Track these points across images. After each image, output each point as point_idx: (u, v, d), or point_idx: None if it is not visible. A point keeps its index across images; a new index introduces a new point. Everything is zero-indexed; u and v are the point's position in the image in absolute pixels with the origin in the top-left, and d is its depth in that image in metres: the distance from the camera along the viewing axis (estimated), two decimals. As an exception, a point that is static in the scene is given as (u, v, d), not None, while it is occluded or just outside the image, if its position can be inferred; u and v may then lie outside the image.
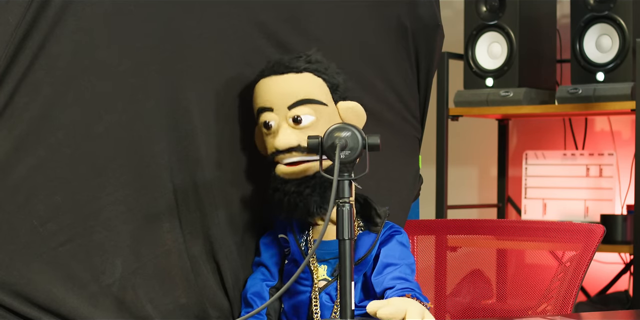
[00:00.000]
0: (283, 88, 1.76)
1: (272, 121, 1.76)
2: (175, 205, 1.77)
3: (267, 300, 1.83)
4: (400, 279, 1.76)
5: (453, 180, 3.83)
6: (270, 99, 1.76)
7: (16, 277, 1.58)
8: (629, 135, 3.72)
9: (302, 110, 1.75)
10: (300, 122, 1.74)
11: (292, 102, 1.75)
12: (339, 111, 1.79)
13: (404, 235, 1.84)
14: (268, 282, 1.86)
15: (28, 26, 1.57)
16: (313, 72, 1.77)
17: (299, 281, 1.81)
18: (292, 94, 1.75)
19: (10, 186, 1.58)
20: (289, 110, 1.75)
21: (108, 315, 1.66)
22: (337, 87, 1.80)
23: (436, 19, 2.19)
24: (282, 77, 1.76)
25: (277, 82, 1.76)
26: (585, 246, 1.94)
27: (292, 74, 1.76)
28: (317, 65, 1.78)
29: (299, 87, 1.76)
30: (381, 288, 1.76)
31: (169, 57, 1.75)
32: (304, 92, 1.75)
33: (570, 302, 1.90)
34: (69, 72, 1.63)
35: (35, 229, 1.60)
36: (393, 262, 1.79)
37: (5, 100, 1.57)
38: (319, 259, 1.81)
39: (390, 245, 1.82)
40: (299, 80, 1.76)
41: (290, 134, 1.74)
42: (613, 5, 3.30)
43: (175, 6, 1.76)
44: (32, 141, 1.60)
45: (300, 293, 1.81)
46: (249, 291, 1.85)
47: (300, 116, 1.74)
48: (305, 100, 1.75)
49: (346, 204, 1.55)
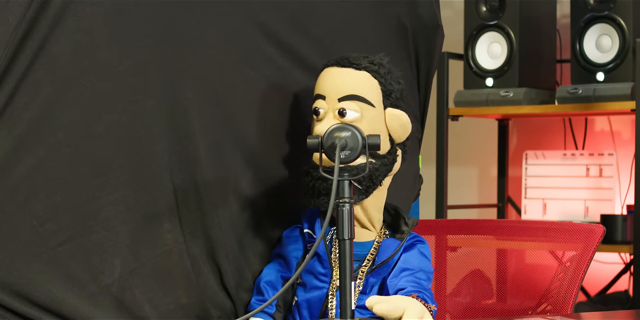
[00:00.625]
0: (338, 80, 1.80)
1: (321, 109, 1.81)
2: (176, 205, 1.77)
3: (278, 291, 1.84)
4: (414, 282, 1.78)
5: (453, 180, 3.83)
6: (325, 88, 1.81)
7: (16, 277, 1.58)
8: (629, 135, 3.72)
9: (349, 105, 1.78)
10: (345, 115, 1.78)
11: (343, 95, 1.79)
12: (386, 116, 1.82)
13: (426, 246, 1.88)
14: (283, 274, 1.87)
15: (28, 26, 1.57)
16: (371, 72, 1.81)
17: (317, 276, 1.82)
18: (344, 87, 1.79)
19: (10, 186, 1.58)
20: (338, 102, 1.79)
21: (108, 315, 1.66)
22: (391, 93, 1.83)
23: (436, 19, 2.19)
24: (341, 70, 1.81)
25: (336, 74, 1.81)
26: (586, 246, 1.94)
27: (351, 69, 1.81)
28: (377, 68, 1.82)
29: (352, 82, 1.80)
30: (394, 289, 1.78)
31: (169, 57, 1.75)
32: (356, 89, 1.80)
33: (570, 302, 1.90)
34: (69, 72, 1.63)
35: (34, 229, 1.60)
36: (410, 267, 1.81)
37: (5, 100, 1.57)
38: None
39: (412, 253, 1.84)
40: (355, 76, 1.80)
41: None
42: (613, 5, 3.30)
43: (175, 6, 1.76)
44: (32, 141, 1.60)
45: (317, 288, 1.82)
46: (262, 279, 1.86)
47: (346, 110, 1.78)
48: (354, 96, 1.79)
49: (346, 204, 1.55)
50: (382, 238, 1.85)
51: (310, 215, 1.89)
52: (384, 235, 1.86)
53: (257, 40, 1.89)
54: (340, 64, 1.82)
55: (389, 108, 1.82)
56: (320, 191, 1.78)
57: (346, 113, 1.78)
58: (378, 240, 1.84)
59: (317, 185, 1.78)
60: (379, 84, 1.81)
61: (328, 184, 1.76)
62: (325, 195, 1.77)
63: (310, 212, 1.89)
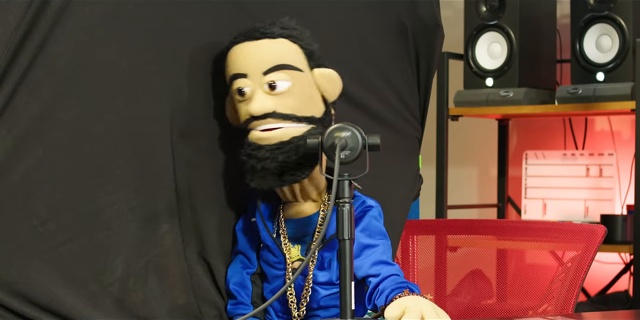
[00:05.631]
0: (258, 54, 1.72)
1: (246, 87, 1.71)
2: (176, 206, 1.77)
3: (249, 289, 1.82)
4: (381, 264, 1.72)
5: (453, 180, 3.83)
6: (244, 65, 1.72)
7: (16, 276, 1.58)
8: (629, 135, 3.72)
9: (277, 76, 1.71)
10: (276, 87, 1.71)
11: (268, 68, 1.71)
12: (315, 78, 1.76)
13: (376, 208, 1.80)
14: (248, 270, 1.83)
15: (28, 26, 1.57)
16: (288, 38, 1.74)
17: (273, 265, 1.79)
18: (267, 60, 1.71)
19: (10, 186, 1.58)
20: (264, 76, 1.71)
21: (107, 315, 1.66)
22: (313, 53, 1.77)
23: (436, 19, 2.19)
24: (256, 43, 1.72)
25: (252, 48, 1.72)
26: (587, 247, 1.94)
27: (267, 40, 1.73)
28: (292, 31, 1.75)
29: (274, 52, 1.72)
30: (362, 273, 1.72)
31: (168, 57, 1.75)
32: (280, 58, 1.72)
33: (571, 302, 1.90)
34: (69, 71, 1.63)
35: (35, 229, 1.60)
36: (371, 243, 1.74)
37: (5, 100, 1.57)
38: (291, 239, 1.78)
39: (364, 223, 1.77)
40: (275, 45, 1.73)
41: (266, 100, 1.71)
42: (613, 5, 3.30)
43: (174, 6, 1.76)
44: (32, 141, 1.60)
45: (277, 277, 1.79)
46: (230, 282, 1.83)
47: (276, 82, 1.70)
48: (281, 66, 1.71)
49: (346, 204, 1.55)
50: (326, 207, 1.78)
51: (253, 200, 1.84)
52: (328, 204, 1.78)
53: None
54: (252, 37, 1.72)
55: (316, 69, 1.76)
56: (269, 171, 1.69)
57: (276, 85, 1.70)
58: (324, 210, 1.78)
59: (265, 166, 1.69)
60: (299, 47, 1.75)
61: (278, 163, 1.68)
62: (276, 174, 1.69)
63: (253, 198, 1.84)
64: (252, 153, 1.71)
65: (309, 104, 1.74)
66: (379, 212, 1.80)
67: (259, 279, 1.84)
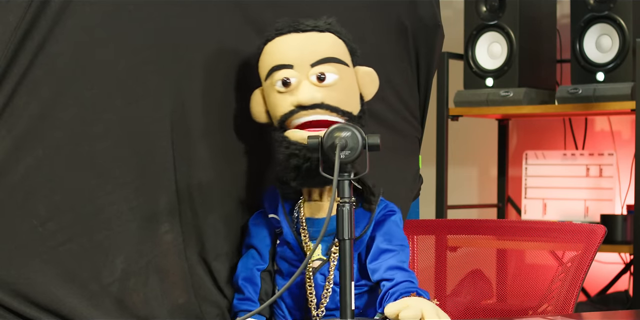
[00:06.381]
0: (306, 45, 1.73)
1: (293, 78, 1.71)
2: (176, 205, 1.77)
3: (258, 286, 1.81)
4: (397, 269, 1.73)
5: (453, 180, 3.83)
6: (290, 56, 1.72)
7: (15, 276, 1.58)
8: (629, 135, 3.72)
9: (326, 68, 1.72)
10: (324, 79, 1.71)
11: (316, 60, 1.71)
12: (357, 75, 1.77)
13: (398, 214, 1.81)
14: (259, 266, 1.82)
15: (28, 26, 1.57)
16: (335, 33, 1.76)
17: (292, 263, 1.78)
18: (316, 52, 1.72)
19: (10, 186, 1.58)
20: (312, 68, 1.71)
21: (108, 314, 1.66)
22: (355, 51, 1.78)
23: (436, 19, 2.19)
24: (304, 35, 1.73)
25: (300, 40, 1.73)
26: (587, 246, 1.94)
27: (315, 33, 1.74)
28: (337, 28, 1.77)
29: (323, 45, 1.73)
30: (377, 277, 1.73)
31: (168, 57, 1.75)
32: (329, 51, 1.73)
33: (571, 302, 1.90)
34: (69, 71, 1.63)
35: (34, 229, 1.60)
36: (389, 248, 1.75)
37: (4, 100, 1.56)
38: (311, 238, 1.77)
39: (386, 228, 1.78)
40: (323, 38, 1.74)
41: (315, 91, 1.70)
42: (613, 5, 3.30)
43: (174, 5, 1.76)
44: (32, 141, 1.60)
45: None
46: (240, 276, 1.82)
47: (325, 73, 1.71)
48: (330, 59, 1.72)
49: (346, 204, 1.55)
50: None
51: (270, 197, 1.83)
52: None
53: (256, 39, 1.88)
54: (299, 29, 1.73)
55: (358, 66, 1.78)
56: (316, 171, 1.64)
57: (325, 77, 1.71)
58: None
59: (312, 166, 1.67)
60: (344, 44, 1.77)
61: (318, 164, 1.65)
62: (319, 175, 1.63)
63: (270, 194, 1.83)
64: (296, 153, 1.70)
65: (352, 99, 1.75)
66: (400, 218, 1.81)
67: (269, 276, 1.83)
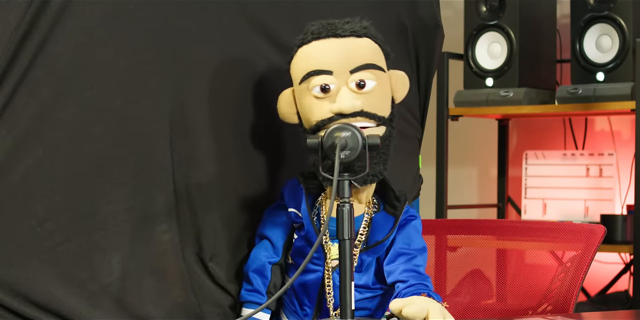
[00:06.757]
0: (346, 51, 1.70)
1: (332, 84, 1.69)
2: (174, 206, 1.77)
3: (267, 279, 1.80)
4: (412, 272, 1.73)
5: (453, 180, 3.83)
6: (329, 62, 1.69)
7: (15, 276, 1.58)
8: (629, 135, 3.72)
9: (365, 75, 1.70)
10: (364, 86, 1.69)
11: (356, 66, 1.70)
12: (390, 79, 1.76)
13: (418, 220, 1.82)
14: (271, 260, 1.82)
15: (28, 26, 1.57)
16: (371, 37, 1.74)
17: (311, 260, 1.77)
18: (355, 58, 1.70)
19: (9, 186, 1.58)
20: (351, 75, 1.70)
21: (107, 314, 1.66)
22: (389, 55, 1.77)
23: (436, 19, 2.19)
24: (343, 40, 1.71)
25: (338, 45, 1.71)
26: (586, 246, 1.94)
27: (353, 38, 1.72)
28: (373, 32, 1.75)
29: (362, 51, 1.71)
30: (392, 279, 1.74)
31: (168, 57, 1.75)
32: (368, 57, 1.71)
33: (571, 302, 1.90)
34: (68, 71, 1.63)
35: (33, 229, 1.60)
36: (407, 252, 1.76)
37: (4, 100, 1.57)
38: (331, 237, 1.76)
39: (406, 232, 1.78)
40: (362, 44, 1.72)
41: (355, 98, 1.68)
42: (613, 5, 3.30)
43: (174, 6, 1.76)
44: (31, 141, 1.60)
45: (312, 271, 1.77)
46: (250, 267, 1.82)
47: (365, 80, 1.69)
48: (368, 65, 1.70)
49: (346, 204, 1.55)
50: (371, 210, 1.78)
51: (291, 191, 1.82)
52: (373, 208, 1.78)
53: (256, 40, 1.89)
54: (336, 35, 1.71)
55: (391, 70, 1.77)
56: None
57: (365, 84, 1.69)
58: (369, 213, 1.77)
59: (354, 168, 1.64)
60: (380, 48, 1.75)
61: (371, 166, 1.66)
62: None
63: (292, 187, 1.82)
64: None
65: (386, 103, 1.74)
66: (419, 223, 1.82)
67: (279, 269, 1.82)
